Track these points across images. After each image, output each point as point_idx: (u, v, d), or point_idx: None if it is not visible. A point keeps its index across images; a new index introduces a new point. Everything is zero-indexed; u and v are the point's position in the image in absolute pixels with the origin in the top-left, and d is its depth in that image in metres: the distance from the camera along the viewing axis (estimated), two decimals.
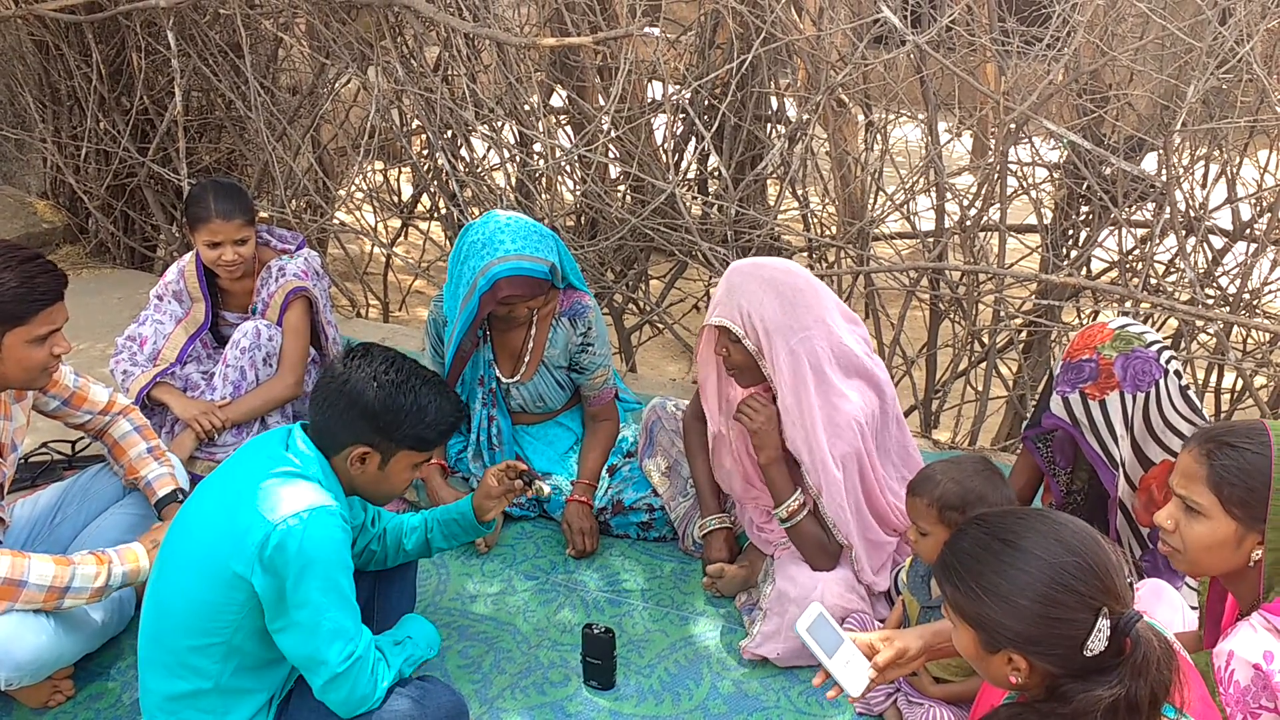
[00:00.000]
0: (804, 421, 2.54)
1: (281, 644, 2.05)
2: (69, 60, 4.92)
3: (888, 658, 1.97)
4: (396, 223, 5.60)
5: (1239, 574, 1.82)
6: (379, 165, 5.34)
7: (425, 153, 4.86)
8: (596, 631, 2.53)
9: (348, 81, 4.74)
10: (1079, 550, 1.53)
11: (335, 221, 4.95)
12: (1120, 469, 2.39)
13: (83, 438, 3.34)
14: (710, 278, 4.27)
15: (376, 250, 5.27)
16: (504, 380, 3.17)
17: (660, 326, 4.80)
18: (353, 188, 5.11)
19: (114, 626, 2.52)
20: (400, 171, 5.62)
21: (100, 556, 2.36)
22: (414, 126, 4.95)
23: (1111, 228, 3.90)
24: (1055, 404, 2.44)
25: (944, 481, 2.25)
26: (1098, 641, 1.48)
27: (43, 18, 4.69)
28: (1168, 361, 2.35)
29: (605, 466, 3.18)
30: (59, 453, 3.29)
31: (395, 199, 5.58)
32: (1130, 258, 3.91)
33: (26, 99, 5.10)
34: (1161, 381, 2.33)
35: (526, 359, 3.14)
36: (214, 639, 2.05)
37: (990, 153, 3.98)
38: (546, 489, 2.53)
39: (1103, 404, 2.37)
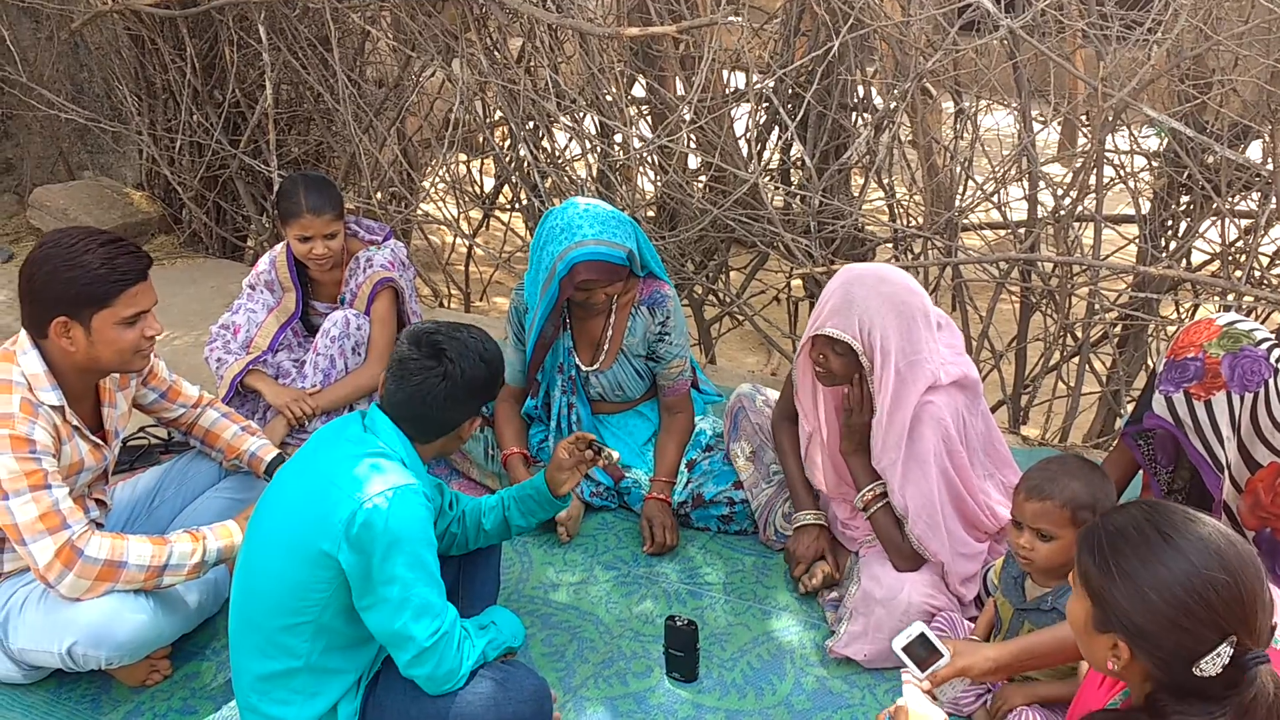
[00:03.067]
0: (894, 442, 2.53)
1: (369, 621, 2.08)
2: (164, 54, 5.06)
3: (943, 674, 1.98)
4: (478, 214, 5.65)
5: None
6: (462, 157, 5.38)
7: (507, 144, 4.88)
8: (679, 624, 2.52)
9: (432, 74, 4.79)
10: (1234, 570, 1.44)
11: (419, 212, 5.01)
12: (1225, 471, 2.30)
13: None
14: (792, 269, 4.22)
15: (458, 241, 5.32)
16: (583, 368, 3.17)
17: (740, 318, 4.76)
18: (436, 179, 5.17)
19: (209, 607, 2.59)
20: (482, 163, 5.67)
21: (195, 534, 2.41)
22: (496, 118, 4.98)
23: (1214, 218, 3.76)
24: (1158, 403, 2.35)
25: (1070, 482, 2.15)
26: (1212, 665, 1.41)
27: (139, 12, 4.82)
28: (1278, 360, 2.25)
29: (684, 460, 3.16)
30: (156, 437, 3.39)
31: (477, 190, 5.63)
32: (1233, 249, 3.77)
33: (123, 92, 5.25)
34: (1271, 381, 2.23)
35: (605, 347, 3.14)
36: (303, 618, 2.09)
37: (1086, 141, 3.86)
38: (616, 455, 2.51)
39: (1208, 404, 2.27)
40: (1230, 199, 3.65)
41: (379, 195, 4.77)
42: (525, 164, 4.38)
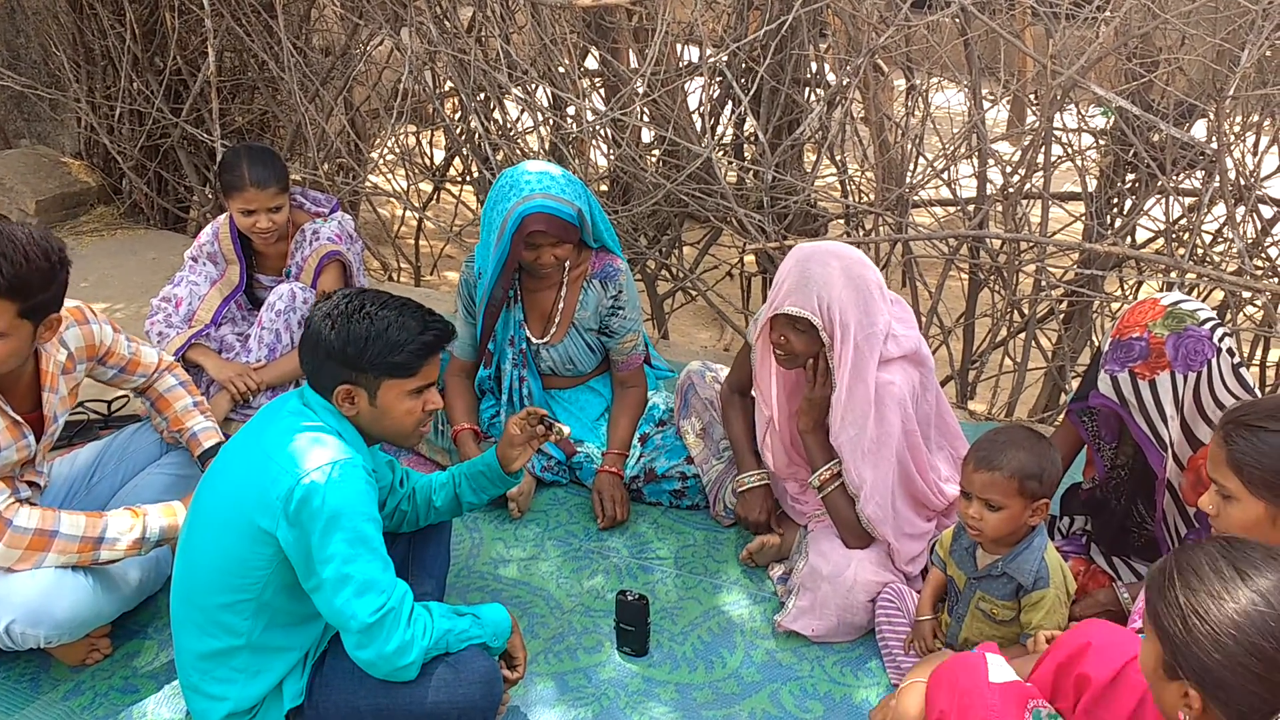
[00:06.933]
0: (855, 417, 2.53)
1: (316, 601, 2.05)
2: (103, 19, 4.91)
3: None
4: (428, 187, 5.57)
5: None
6: (411, 128, 5.30)
7: (457, 115, 4.82)
8: (630, 598, 2.52)
9: (381, 42, 4.70)
10: None
11: (367, 184, 4.93)
12: (1169, 449, 2.33)
13: (119, 396, 3.36)
14: (745, 244, 4.22)
15: (408, 214, 5.25)
16: (534, 341, 3.15)
17: (693, 293, 4.75)
18: (385, 151, 5.09)
19: (151, 585, 2.54)
20: (432, 135, 5.58)
21: (135, 510, 2.37)
22: (447, 89, 4.91)
23: (1158, 196, 3.81)
24: (1103, 382, 2.38)
25: (1017, 453, 2.17)
26: None
27: None
28: (1221, 340, 2.28)
29: (637, 435, 3.16)
30: (95, 412, 3.31)
31: (427, 162, 5.55)
32: (1177, 227, 3.82)
33: (61, 58, 5.10)
34: (1214, 361, 2.26)
35: (557, 320, 3.12)
36: (244, 595, 2.06)
37: (1034, 119, 3.89)
38: (567, 430, 2.49)
39: (1153, 384, 2.30)
40: (1174, 177, 3.71)
41: (325, 166, 4.68)
42: (476, 136, 4.32)
